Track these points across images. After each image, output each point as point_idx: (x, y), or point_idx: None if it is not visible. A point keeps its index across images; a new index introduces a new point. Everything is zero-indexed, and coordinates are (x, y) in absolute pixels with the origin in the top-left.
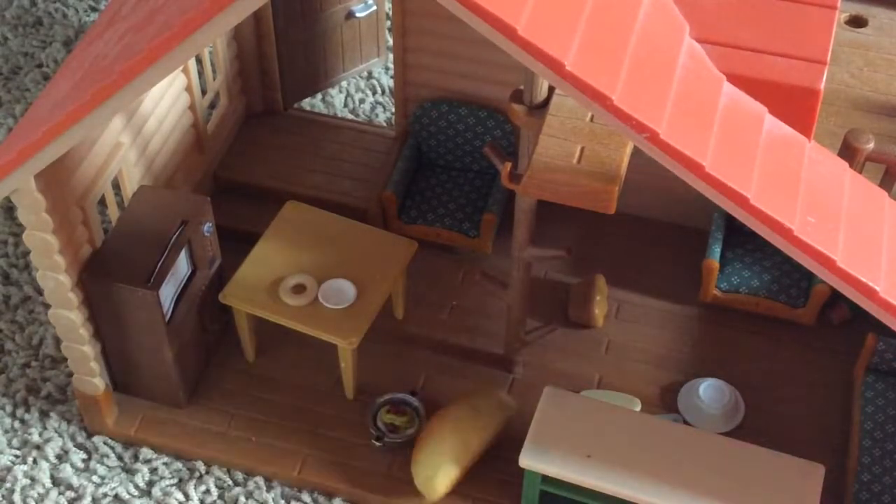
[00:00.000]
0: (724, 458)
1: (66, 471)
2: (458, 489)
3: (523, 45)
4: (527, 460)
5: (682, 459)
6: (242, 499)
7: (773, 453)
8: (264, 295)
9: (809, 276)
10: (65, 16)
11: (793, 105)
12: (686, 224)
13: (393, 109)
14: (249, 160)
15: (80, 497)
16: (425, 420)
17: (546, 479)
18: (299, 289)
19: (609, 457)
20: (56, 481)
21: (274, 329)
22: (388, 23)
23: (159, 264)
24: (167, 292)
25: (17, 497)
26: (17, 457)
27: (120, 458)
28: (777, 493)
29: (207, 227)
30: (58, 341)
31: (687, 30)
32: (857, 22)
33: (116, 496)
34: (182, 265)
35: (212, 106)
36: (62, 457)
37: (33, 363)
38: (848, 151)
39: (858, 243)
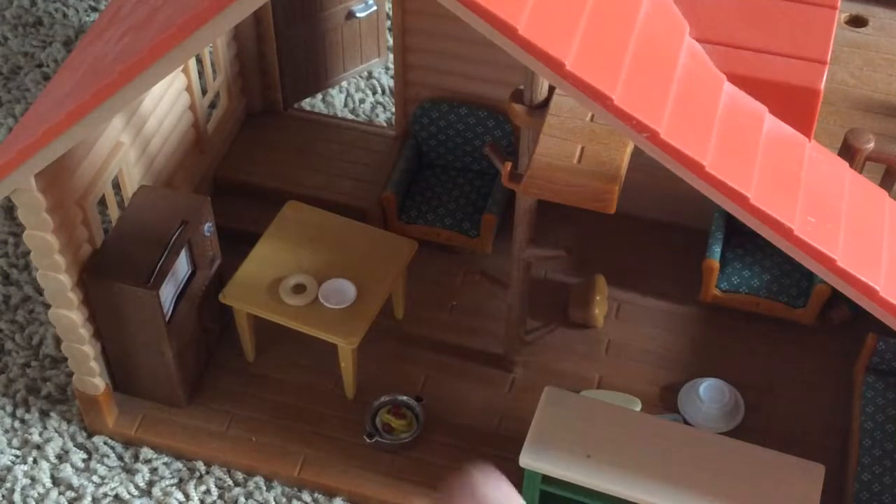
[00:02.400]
0: (725, 458)
1: (67, 471)
2: None
3: (524, 45)
4: (527, 460)
5: (683, 459)
6: (242, 499)
7: (773, 453)
8: (264, 295)
9: (810, 276)
10: (65, 16)
11: (793, 105)
12: (686, 224)
13: (393, 109)
14: (249, 160)
15: (80, 497)
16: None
17: (546, 478)
18: (299, 289)
19: (609, 457)
20: (56, 481)
21: (274, 329)
22: (389, 23)
23: (159, 264)
24: (167, 292)
25: (17, 497)
26: (17, 457)
27: (120, 458)
28: (777, 492)
29: (207, 227)
30: (58, 341)
31: (687, 29)
32: (857, 22)
33: (117, 496)
34: (182, 265)
35: (212, 106)
36: (62, 457)
37: (33, 363)
38: (848, 151)
39: (859, 243)
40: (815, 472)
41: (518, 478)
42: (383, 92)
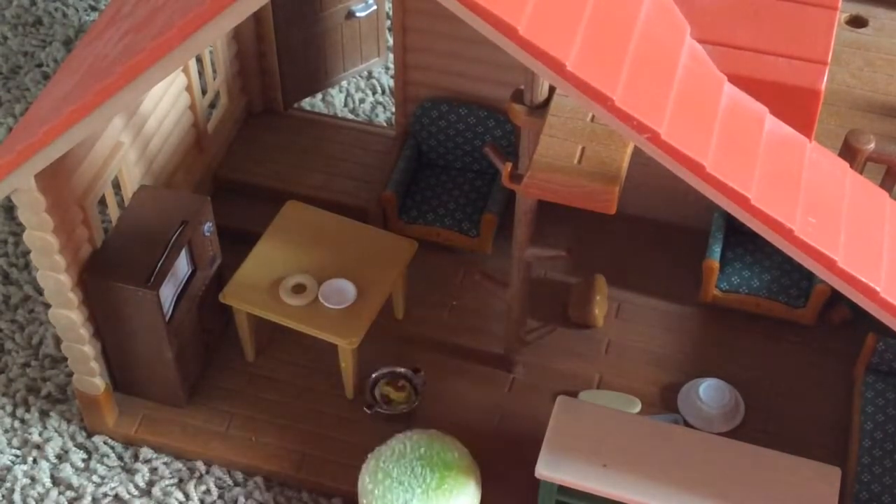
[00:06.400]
0: (740, 463)
1: (66, 470)
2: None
3: (524, 46)
4: (543, 470)
5: (699, 466)
6: (242, 499)
7: (788, 457)
8: (264, 295)
9: (809, 276)
10: (65, 15)
11: (794, 105)
12: (686, 224)
13: (393, 109)
14: (249, 160)
15: (80, 497)
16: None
17: (562, 488)
18: (299, 288)
19: (625, 465)
20: (56, 481)
21: (274, 329)
22: (389, 22)
23: (159, 264)
24: (167, 292)
25: (17, 496)
26: (17, 456)
27: (120, 457)
28: (795, 496)
29: (207, 227)
30: (58, 341)
31: (688, 30)
32: (857, 22)
33: (116, 496)
34: (182, 265)
35: (212, 106)
36: (62, 456)
37: (33, 363)
38: (849, 152)
39: (859, 244)
40: (831, 475)
41: (519, 478)
42: (383, 92)
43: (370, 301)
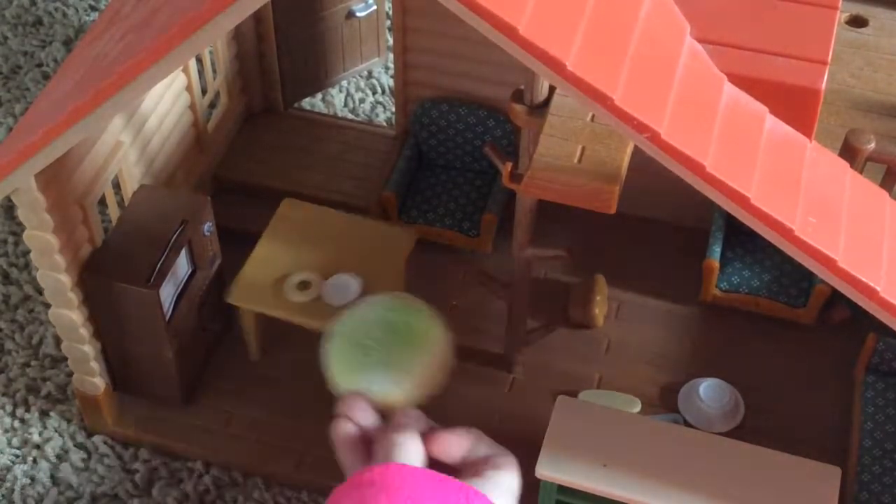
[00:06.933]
0: (740, 463)
1: (66, 470)
2: None
3: (524, 45)
4: (543, 470)
5: (699, 465)
6: (241, 498)
7: (788, 457)
8: (270, 294)
9: (810, 276)
10: (65, 15)
11: (794, 105)
12: (686, 224)
13: (393, 109)
14: (250, 160)
15: (79, 496)
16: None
17: (562, 488)
18: (304, 285)
19: (626, 465)
20: (56, 481)
21: (274, 329)
22: (389, 22)
23: (159, 264)
24: (167, 292)
25: (16, 496)
26: (16, 456)
27: (119, 457)
28: (795, 497)
29: (207, 227)
30: (58, 341)
31: (688, 30)
32: (857, 22)
33: (116, 496)
34: (182, 265)
35: (212, 105)
36: (62, 456)
37: (33, 362)
38: (849, 152)
39: (859, 243)
40: (831, 475)
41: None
42: (383, 92)
43: (376, 293)
